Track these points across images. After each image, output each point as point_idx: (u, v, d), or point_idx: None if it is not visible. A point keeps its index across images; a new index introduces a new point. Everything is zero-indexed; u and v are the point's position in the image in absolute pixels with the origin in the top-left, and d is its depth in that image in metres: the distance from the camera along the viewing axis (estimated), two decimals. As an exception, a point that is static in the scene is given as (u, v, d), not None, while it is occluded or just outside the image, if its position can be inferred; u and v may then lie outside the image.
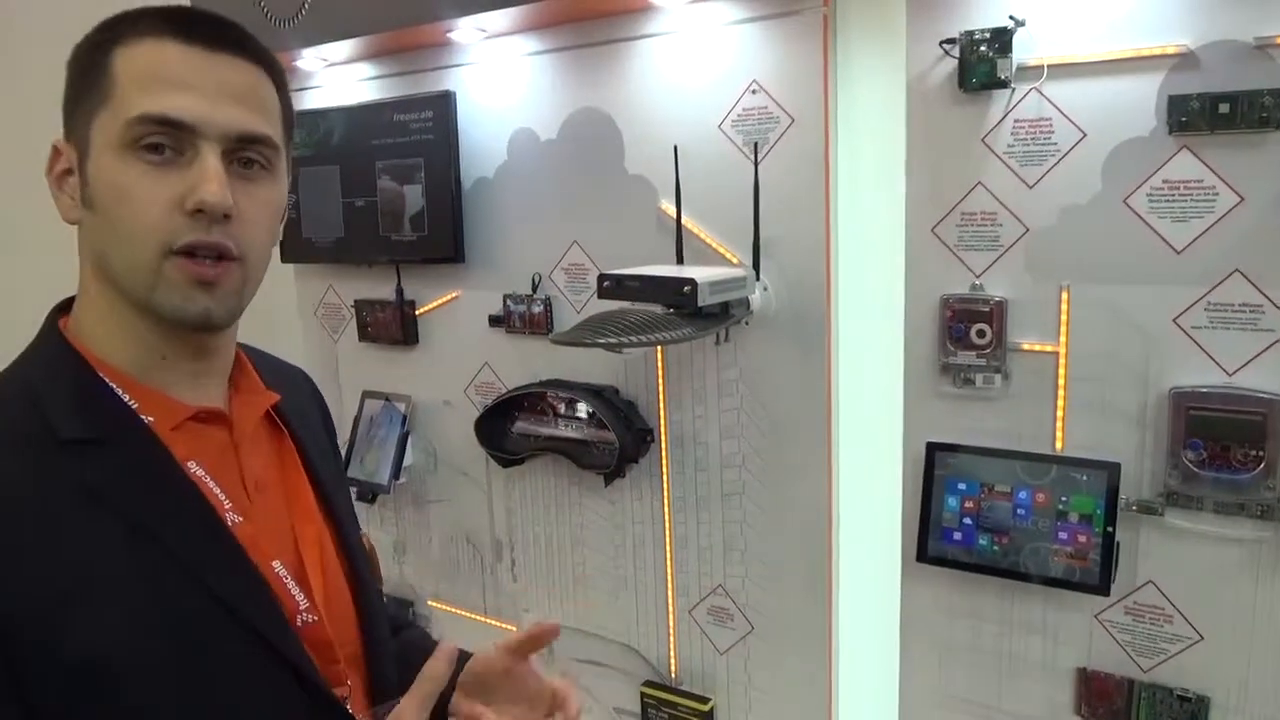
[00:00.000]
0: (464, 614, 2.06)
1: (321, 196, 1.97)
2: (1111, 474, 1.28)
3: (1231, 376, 1.20)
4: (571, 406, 1.75)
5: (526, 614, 1.95)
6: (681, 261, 1.55)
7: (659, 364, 1.67)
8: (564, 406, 1.77)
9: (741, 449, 1.60)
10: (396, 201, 1.88)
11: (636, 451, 1.69)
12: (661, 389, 1.68)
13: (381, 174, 1.89)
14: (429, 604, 2.12)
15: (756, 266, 1.49)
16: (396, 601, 2.13)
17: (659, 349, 1.65)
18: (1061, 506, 1.31)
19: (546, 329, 1.79)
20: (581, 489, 1.82)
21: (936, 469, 1.40)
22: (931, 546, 1.41)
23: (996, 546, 1.36)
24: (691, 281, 1.34)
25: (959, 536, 1.39)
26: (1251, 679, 1.24)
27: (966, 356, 1.36)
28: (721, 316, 1.43)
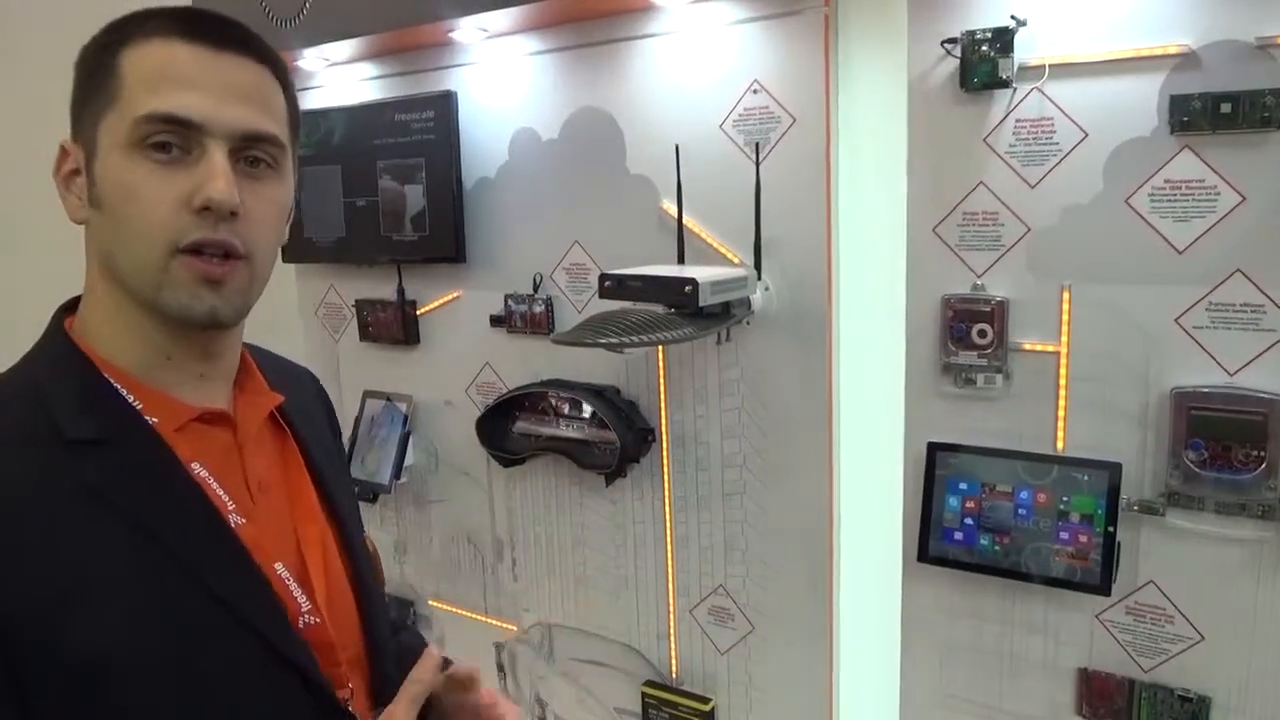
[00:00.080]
0: (465, 614, 2.06)
1: (323, 196, 1.97)
2: (1113, 474, 1.28)
3: (1233, 376, 1.20)
4: (573, 406, 1.75)
5: (527, 613, 1.95)
6: (683, 261, 1.55)
7: (660, 364, 1.67)
8: (565, 406, 1.77)
9: (742, 449, 1.60)
10: (398, 201, 1.88)
11: (638, 451, 1.69)
12: (663, 389, 1.68)
13: (383, 174, 1.89)
14: (430, 604, 2.12)
15: (758, 266, 1.49)
16: (397, 601, 2.13)
17: (660, 349, 1.65)
18: (1063, 506, 1.31)
19: (548, 329, 1.79)
20: (582, 489, 1.82)
21: (937, 469, 1.40)
22: (932, 546, 1.41)
23: (997, 546, 1.36)
24: (693, 281, 1.33)
25: (960, 536, 1.39)
26: (1252, 679, 1.24)
27: (968, 356, 1.36)
28: (723, 316, 1.43)
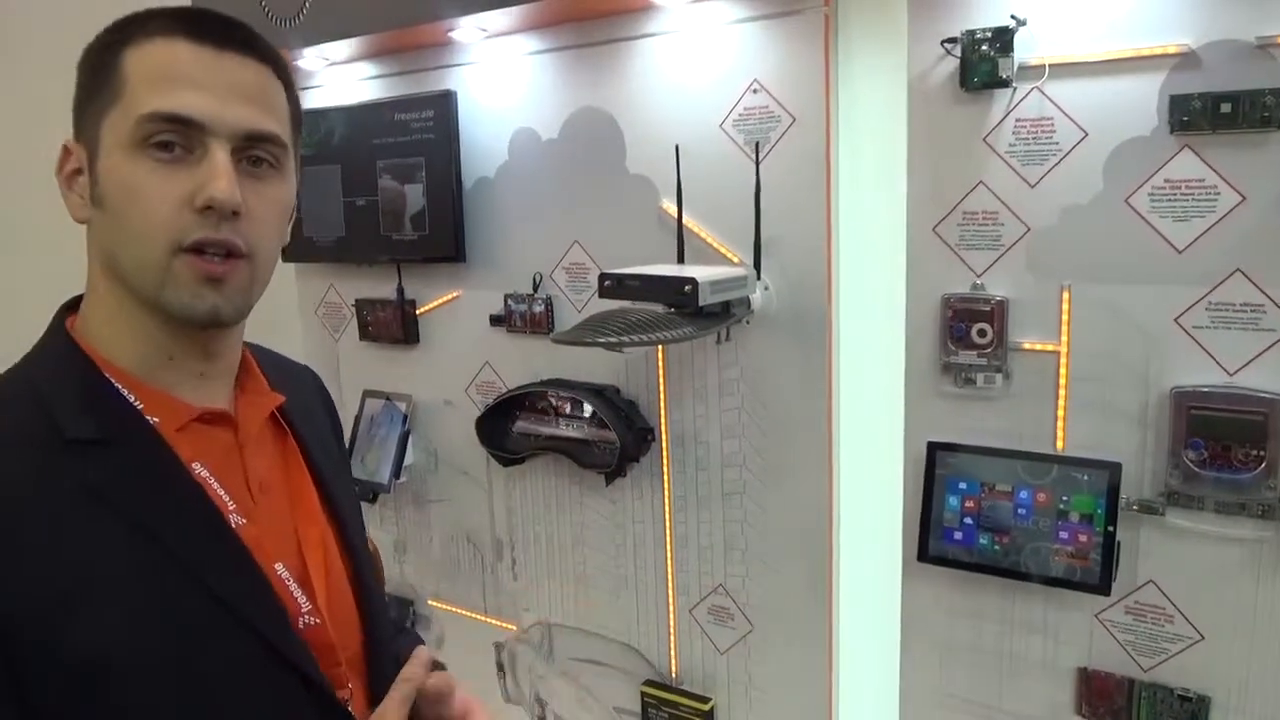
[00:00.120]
0: (464, 613, 2.06)
1: (322, 196, 1.97)
2: (1112, 473, 1.28)
3: (1233, 376, 1.20)
4: (572, 406, 1.75)
5: (526, 613, 1.95)
6: (682, 261, 1.55)
7: (660, 363, 1.67)
8: (565, 406, 1.77)
9: (742, 448, 1.60)
10: (397, 201, 1.88)
11: (637, 451, 1.69)
12: (662, 388, 1.68)
13: (382, 173, 1.89)
14: (429, 603, 2.12)
15: (758, 266, 1.49)
16: (397, 601, 2.13)
17: (660, 348, 1.65)
18: (1062, 506, 1.31)
19: (547, 328, 1.79)
20: (582, 488, 1.82)
21: (937, 468, 1.40)
22: (932, 546, 1.41)
23: (997, 546, 1.36)
24: (693, 281, 1.33)
25: (960, 536, 1.39)
26: (1252, 679, 1.24)
27: (967, 356, 1.36)
28: (722, 316, 1.43)
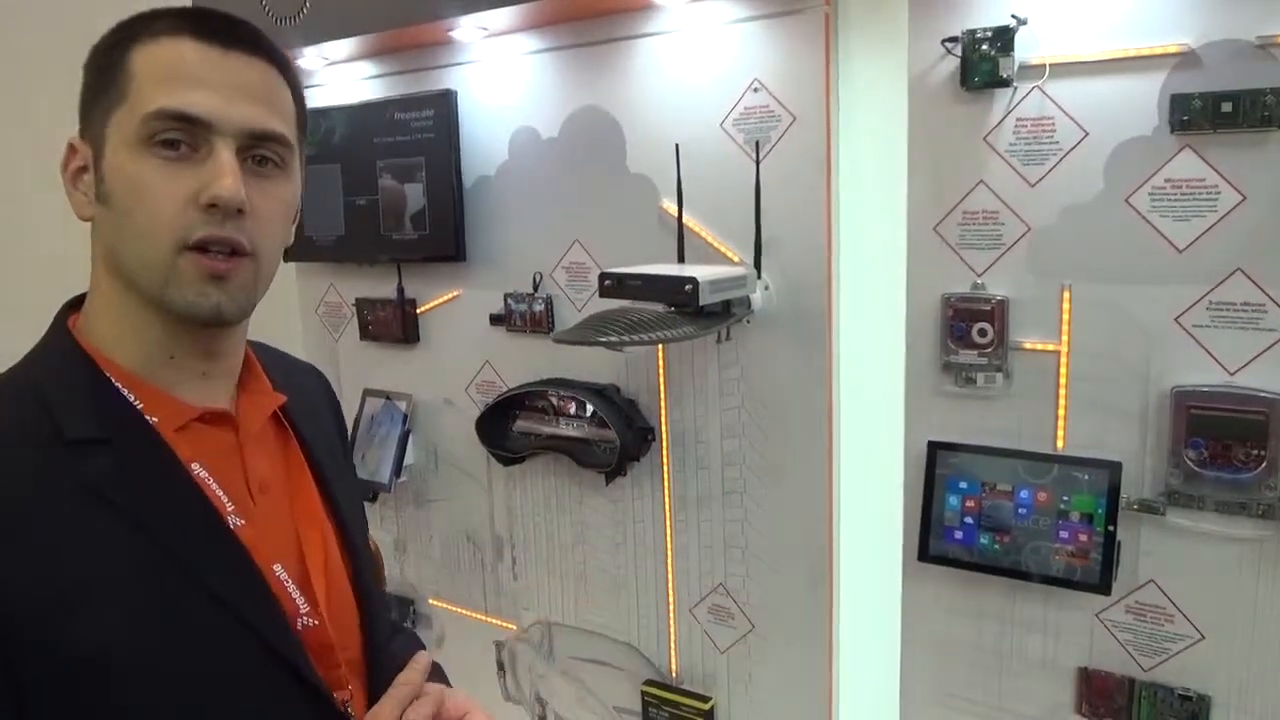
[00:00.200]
0: (464, 612, 2.06)
1: (323, 195, 1.97)
2: (1113, 473, 1.28)
3: (1233, 376, 1.20)
4: (573, 405, 1.75)
5: (527, 612, 1.95)
6: (683, 260, 1.55)
7: (660, 363, 1.67)
8: (565, 405, 1.77)
9: (742, 447, 1.60)
10: (398, 200, 1.88)
11: (637, 450, 1.69)
12: (662, 387, 1.68)
13: (383, 172, 1.89)
14: (430, 602, 2.12)
15: (758, 265, 1.49)
16: (397, 600, 2.13)
17: (660, 348, 1.65)
18: (1063, 505, 1.31)
19: (548, 327, 1.79)
20: (582, 487, 1.82)
21: (938, 468, 1.40)
22: (933, 545, 1.41)
23: (998, 545, 1.36)
24: (693, 280, 1.33)
25: (960, 535, 1.39)
26: (1252, 678, 1.24)
27: (968, 355, 1.36)
28: (723, 315, 1.43)
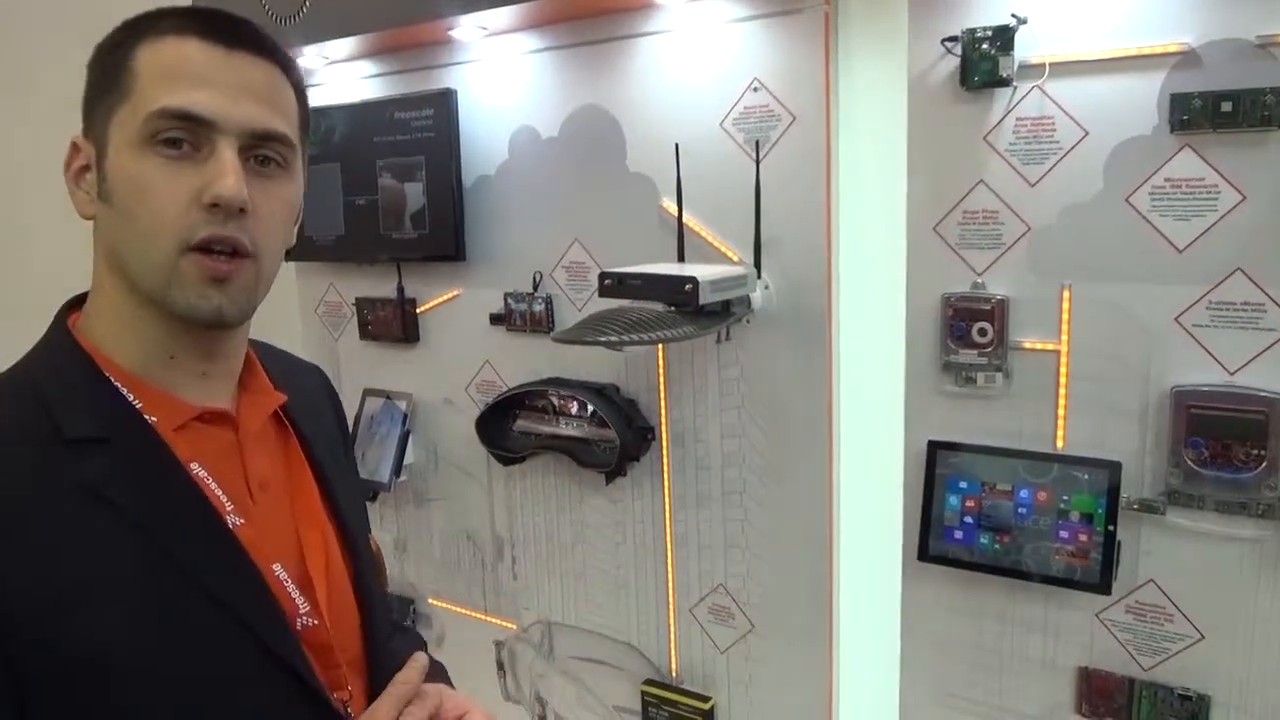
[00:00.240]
0: (464, 612, 2.06)
1: (322, 194, 1.97)
2: (1113, 472, 1.28)
3: (1233, 375, 1.20)
4: (572, 405, 1.75)
5: (526, 611, 1.95)
6: (683, 260, 1.55)
7: (660, 362, 1.67)
8: (565, 405, 1.77)
9: (742, 447, 1.60)
10: (397, 199, 1.88)
11: (637, 450, 1.69)
12: (662, 387, 1.68)
13: (383, 172, 1.88)
14: (430, 602, 2.12)
15: (758, 265, 1.49)
16: (397, 599, 2.13)
17: (660, 347, 1.65)
18: (1063, 505, 1.31)
19: (547, 327, 1.79)
20: (582, 487, 1.82)
21: (938, 467, 1.40)
22: (932, 545, 1.41)
23: (997, 545, 1.36)
24: (693, 280, 1.33)
25: (960, 535, 1.39)
26: (1252, 678, 1.24)
27: (968, 355, 1.36)
28: (723, 315, 1.43)
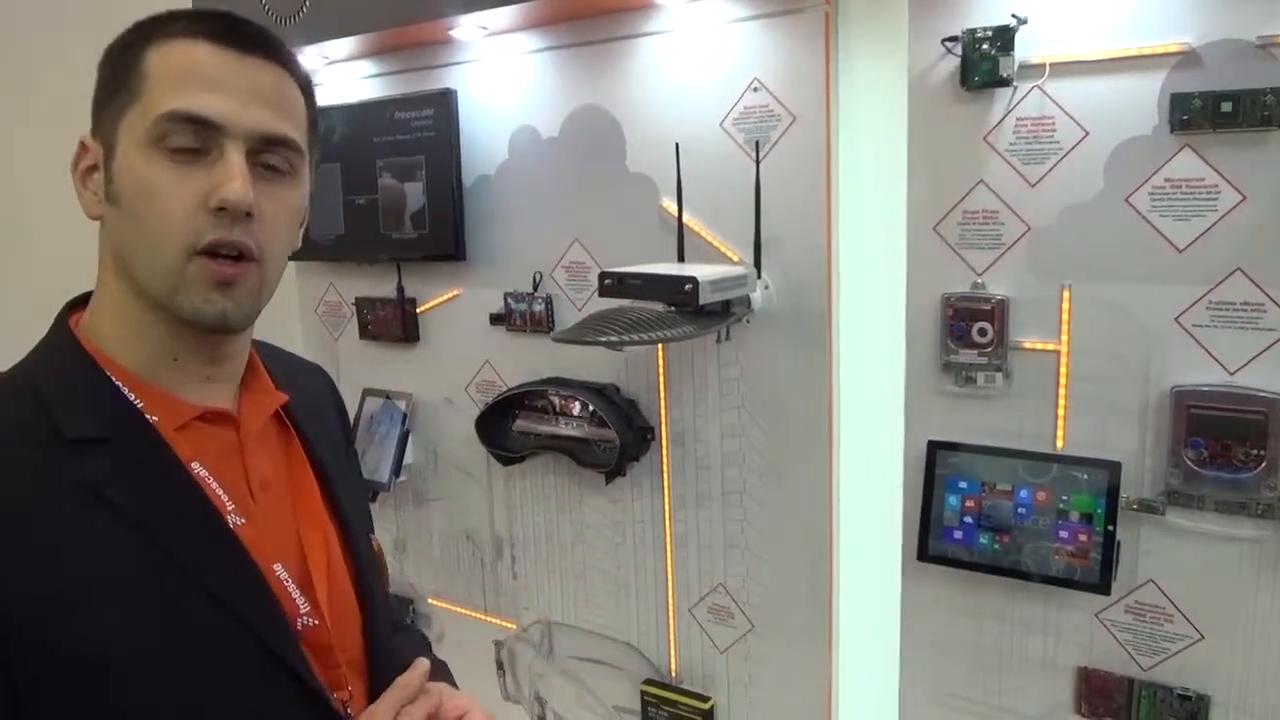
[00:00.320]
0: (464, 612, 2.06)
1: (322, 194, 1.97)
2: (1112, 473, 1.28)
3: (1233, 375, 1.20)
4: (572, 404, 1.75)
5: (526, 611, 1.95)
6: (683, 259, 1.55)
7: (660, 362, 1.67)
8: (565, 405, 1.77)
9: (742, 447, 1.60)
10: (397, 199, 1.88)
11: (637, 450, 1.69)
12: (662, 387, 1.68)
13: (382, 171, 1.88)
14: (429, 602, 2.12)
15: (758, 265, 1.49)
16: (397, 599, 2.13)
17: (660, 347, 1.65)
18: (1062, 505, 1.31)
19: (547, 327, 1.79)
20: (582, 487, 1.82)
21: (937, 467, 1.40)
22: (932, 545, 1.41)
23: (997, 545, 1.36)
24: (693, 280, 1.33)
25: (960, 535, 1.39)
26: (1252, 678, 1.24)
27: (968, 355, 1.36)
28: (723, 315, 1.43)
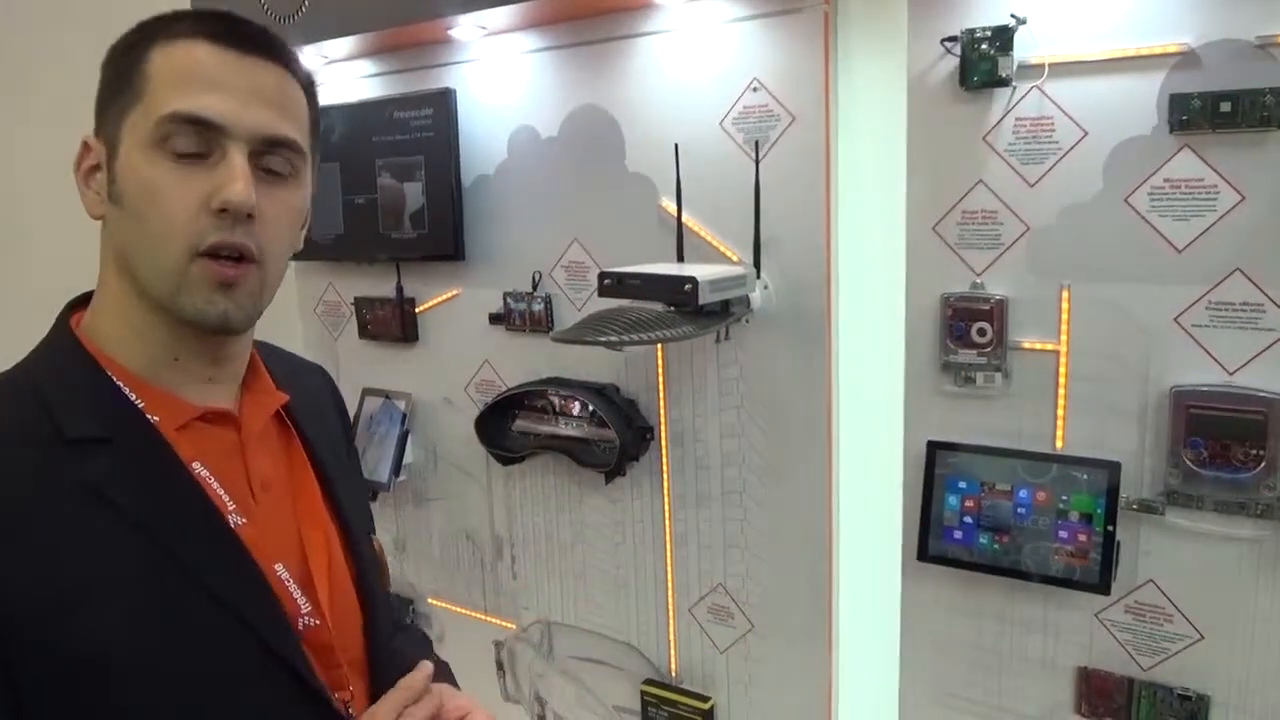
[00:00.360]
0: (464, 611, 2.06)
1: (322, 193, 1.96)
2: (1112, 473, 1.28)
3: (1232, 375, 1.20)
4: (572, 404, 1.75)
5: (526, 611, 1.95)
6: (682, 259, 1.55)
7: (659, 362, 1.67)
8: (564, 404, 1.77)
9: (742, 447, 1.60)
10: (397, 199, 1.88)
11: (637, 449, 1.69)
12: (662, 387, 1.68)
13: (382, 171, 1.88)
14: (429, 601, 2.12)
15: (757, 265, 1.49)
16: (397, 599, 2.13)
17: (659, 347, 1.65)
18: (1062, 505, 1.31)
19: (547, 327, 1.79)
20: (582, 487, 1.82)
21: (937, 467, 1.40)
22: (932, 545, 1.41)
23: (997, 545, 1.36)
24: (692, 279, 1.33)
25: (959, 535, 1.39)
26: (1252, 678, 1.24)
27: (967, 355, 1.36)
28: (722, 314, 1.43)
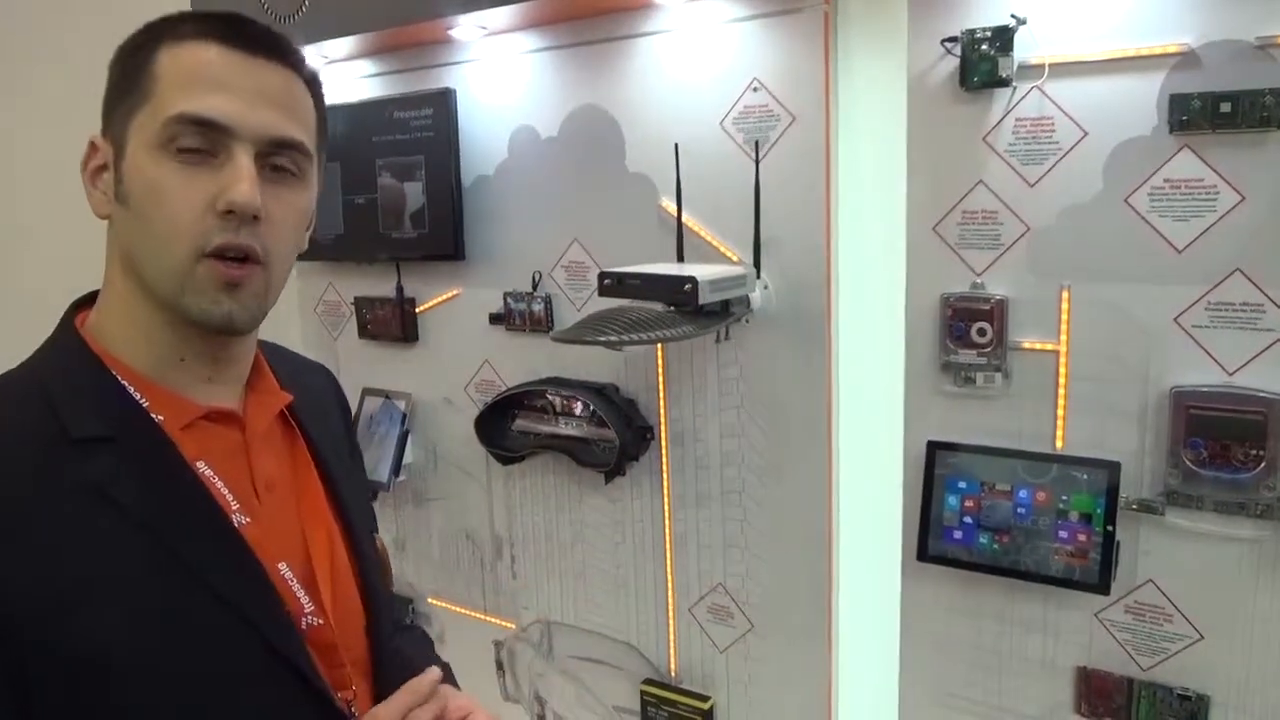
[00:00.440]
0: (463, 611, 2.06)
1: (322, 193, 1.96)
2: (1112, 473, 1.28)
3: (1232, 376, 1.20)
4: (572, 404, 1.75)
5: (526, 611, 1.95)
6: (682, 259, 1.55)
7: (659, 362, 1.67)
8: (564, 404, 1.77)
9: (741, 447, 1.60)
10: (397, 199, 1.88)
11: (637, 449, 1.69)
12: (662, 387, 1.68)
13: (382, 171, 1.88)
14: (429, 601, 2.12)
15: (757, 264, 1.49)
16: (397, 599, 2.12)
17: (659, 347, 1.65)
18: (1062, 505, 1.31)
19: (547, 327, 1.79)
20: (581, 487, 1.82)
21: (937, 468, 1.40)
22: (932, 545, 1.41)
23: (997, 545, 1.36)
24: (692, 279, 1.33)
25: (959, 535, 1.39)
26: (1251, 678, 1.24)
27: (967, 355, 1.36)
28: (722, 314, 1.43)
